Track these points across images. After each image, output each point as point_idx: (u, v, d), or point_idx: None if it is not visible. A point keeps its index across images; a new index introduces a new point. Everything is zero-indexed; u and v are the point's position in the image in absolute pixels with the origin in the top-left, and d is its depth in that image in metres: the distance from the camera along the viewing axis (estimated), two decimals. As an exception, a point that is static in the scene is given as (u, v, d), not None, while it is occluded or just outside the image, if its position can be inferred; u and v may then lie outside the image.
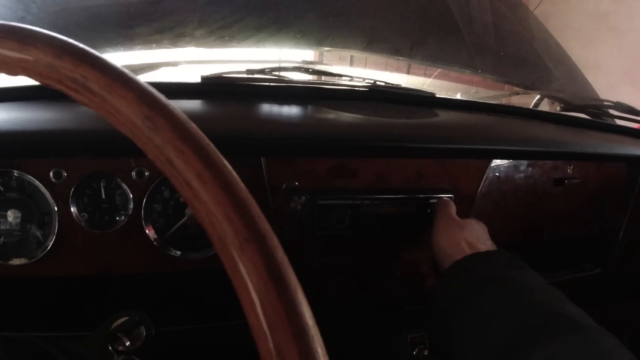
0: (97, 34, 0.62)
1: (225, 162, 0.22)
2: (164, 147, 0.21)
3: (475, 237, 0.67)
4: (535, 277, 0.59)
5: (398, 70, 1.49)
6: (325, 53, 1.29)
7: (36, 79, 0.26)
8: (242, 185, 0.22)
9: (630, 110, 1.13)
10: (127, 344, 0.45)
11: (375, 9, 0.89)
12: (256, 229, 0.21)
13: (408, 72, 1.53)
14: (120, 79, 0.22)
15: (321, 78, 0.85)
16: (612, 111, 1.14)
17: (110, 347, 0.44)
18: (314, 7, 0.78)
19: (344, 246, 0.72)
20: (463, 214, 0.78)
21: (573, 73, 1.18)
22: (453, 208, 0.71)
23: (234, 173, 0.22)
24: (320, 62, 1.24)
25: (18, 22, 0.29)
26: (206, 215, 0.21)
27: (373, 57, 1.13)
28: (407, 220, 0.73)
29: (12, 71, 0.26)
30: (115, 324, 0.45)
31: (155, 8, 0.67)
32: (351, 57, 1.48)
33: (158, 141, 0.22)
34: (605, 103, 1.15)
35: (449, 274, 0.61)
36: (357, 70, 1.17)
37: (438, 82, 1.07)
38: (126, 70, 0.23)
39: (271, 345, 0.18)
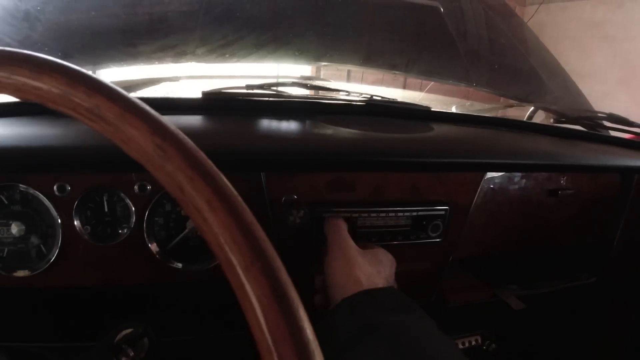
0: (101, 51, 0.64)
1: (232, 188, 0.24)
2: (175, 174, 0.23)
3: (376, 269, 0.61)
4: (425, 324, 0.53)
5: (394, 84, 1.52)
6: (322, 68, 1.31)
7: (49, 106, 0.27)
8: (247, 210, 0.23)
9: (623, 121, 1.15)
10: (131, 354, 0.46)
11: (371, 25, 0.91)
12: (261, 251, 0.22)
13: (404, 87, 1.55)
14: (132, 109, 0.24)
15: (319, 93, 0.87)
16: (605, 122, 1.16)
17: (114, 359, 0.46)
18: (311, 25, 0.81)
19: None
20: (459, 225, 0.79)
21: (567, 85, 1.20)
22: (345, 228, 0.65)
23: (240, 199, 0.24)
24: (318, 77, 1.26)
25: (23, 39, 0.31)
26: (214, 238, 0.22)
27: (370, 72, 1.15)
28: (403, 233, 0.75)
29: (26, 97, 0.28)
30: (119, 335, 0.46)
31: (158, 26, 0.69)
32: (348, 71, 1.51)
33: (169, 168, 0.23)
34: (598, 114, 1.17)
35: (333, 314, 0.54)
36: (354, 85, 1.19)
37: (433, 96, 1.09)
38: (138, 101, 0.25)
39: (276, 358, 0.20)
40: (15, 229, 0.62)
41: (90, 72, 0.25)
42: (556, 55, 1.35)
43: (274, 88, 0.76)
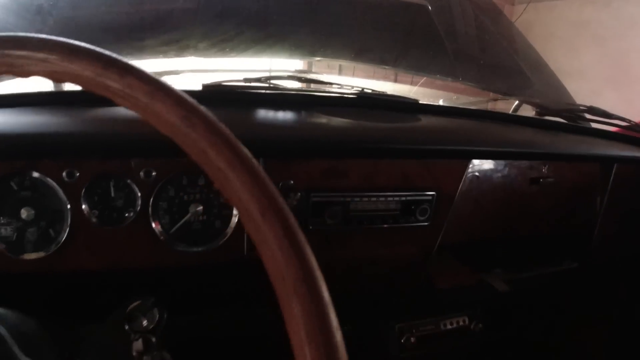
0: (109, 45, 0.68)
1: (247, 152, 0.28)
2: (200, 141, 0.27)
3: None
4: None
5: (385, 78, 1.57)
6: (314, 62, 1.36)
7: (83, 87, 0.31)
8: (261, 168, 0.28)
9: (604, 113, 1.20)
10: (144, 323, 0.50)
11: (362, 22, 0.96)
12: (273, 201, 0.27)
13: (395, 80, 1.60)
14: (160, 88, 0.28)
15: (313, 86, 0.91)
16: (586, 115, 1.21)
17: (127, 327, 0.50)
18: (306, 22, 0.85)
19: (335, 240, 0.77)
20: (445, 210, 0.84)
21: (549, 79, 1.25)
22: None
23: (254, 160, 0.28)
24: (310, 71, 1.30)
25: (34, 32, 0.35)
26: (234, 192, 0.27)
27: (361, 66, 1.20)
28: (393, 217, 0.79)
29: (60, 79, 0.32)
30: (131, 307, 0.50)
31: (163, 22, 0.73)
32: (340, 66, 1.55)
33: (194, 136, 0.27)
34: (579, 107, 1.22)
35: None
36: (346, 78, 1.24)
37: (422, 89, 1.14)
38: (163, 80, 0.29)
39: (289, 284, 0.25)
40: (24, 213, 0.64)
41: (121, 57, 0.30)
42: (544, 54, 1.40)
43: (271, 81, 0.80)
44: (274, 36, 0.82)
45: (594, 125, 1.21)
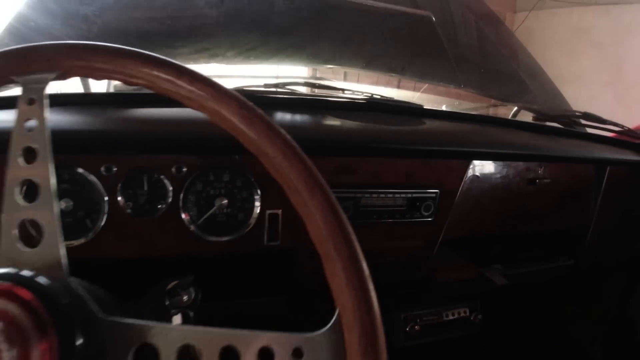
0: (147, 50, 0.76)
1: (297, 145, 0.35)
2: (258, 137, 0.34)
3: None
4: None
5: (388, 84, 1.65)
6: (319, 68, 1.44)
7: (154, 90, 0.39)
8: (307, 158, 0.35)
9: (598, 119, 1.27)
10: (185, 298, 0.57)
11: (373, 33, 1.04)
12: (318, 181, 0.34)
13: (398, 86, 1.68)
14: (225, 92, 0.35)
15: (326, 91, 0.98)
16: (581, 120, 1.28)
17: (168, 303, 0.56)
18: (323, 33, 0.93)
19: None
20: (447, 207, 0.90)
21: (547, 86, 1.32)
22: None
23: (301, 150, 0.35)
24: (321, 77, 1.38)
25: (79, 39, 0.42)
26: (287, 176, 0.34)
27: (365, 72, 1.29)
28: (400, 212, 0.86)
29: (134, 83, 0.39)
30: (172, 284, 0.57)
31: (195, 32, 0.81)
32: (345, 72, 1.64)
33: (252, 134, 0.35)
34: (575, 113, 1.29)
35: None
36: (353, 84, 1.31)
37: (425, 95, 1.21)
38: (227, 87, 0.36)
39: (331, 247, 0.32)
40: (63, 204, 0.70)
41: (190, 67, 0.37)
42: (545, 60, 1.46)
43: (288, 87, 0.88)
44: (294, 46, 0.90)
45: (588, 130, 1.28)
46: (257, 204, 0.77)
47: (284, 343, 0.32)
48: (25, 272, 0.34)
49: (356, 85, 1.40)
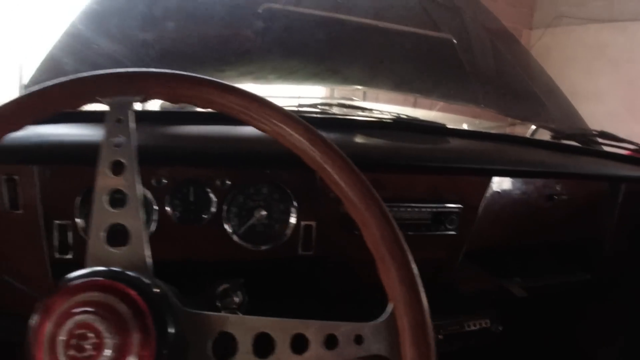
0: (199, 72, 0.86)
1: (352, 163, 0.42)
2: (321, 157, 0.41)
3: None
4: None
5: (404, 102, 1.73)
6: (337, 88, 1.52)
7: (228, 114, 0.45)
8: (362, 174, 0.41)
9: (614, 137, 1.31)
10: (236, 300, 0.63)
11: (401, 58, 1.11)
12: (373, 194, 0.40)
13: (414, 105, 1.76)
14: (290, 117, 0.42)
15: (355, 111, 1.05)
16: (598, 138, 1.32)
17: (219, 304, 0.62)
18: (356, 58, 1.01)
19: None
20: (470, 221, 0.95)
21: (564, 105, 1.37)
22: None
23: (357, 169, 0.42)
24: (332, 97, 1.46)
25: (137, 61, 0.49)
26: (343, 188, 0.40)
27: (384, 92, 1.37)
28: (426, 225, 0.91)
29: (209, 107, 0.46)
30: (224, 286, 0.63)
31: (242, 57, 0.90)
32: (364, 92, 1.72)
33: (316, 155, 0.41)
34: (592, 132, 1.33)
35: None
36: (375, 104, 1.38)
37: (444, 114, 1.28)
38: (291, 111, 0.43)
39: (383, 249, 0.37)
40: None
41: (259, 94, 0.43)
42: (561, 78, 1.51)
43: (321, 107, 0.94)
44: (330, 70, 0.98)
45: (605, 148, 1.32)
46: (293, 215, 0.83)
47: (347, 330, 0.37)
48: (122, 270, 0.41)
49: (376, 104, 1.47)
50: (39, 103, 0.48)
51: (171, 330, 0.39)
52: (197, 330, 0.40)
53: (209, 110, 0.79)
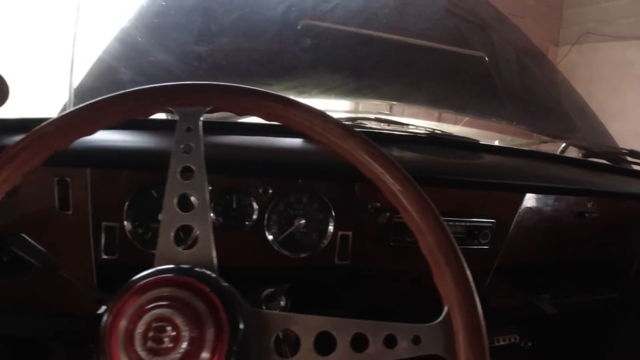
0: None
1: (411, 177, 0.45)
2: (378, 169, 0.44)
3: None
4: None
5: (429, 117, 1.76)
6: (360, 102, 1.56)
7: (290, 127, 0.48)
8: (419, 187, 0.44)
9: (644, 156, 1.31)
10: (281, 304, 0.65)
11: (436, 75, 1.15)
12: (429, 204, 0.43)
13: (439, 120, 1.78)
14: (351, 131, 0.45)
15: (391, 126, 1.08)
16: (627, 157, 1.32)
17: (265, 307, 0.65)
18: (394, 75, 1.05)
19: (410, 256, 0.92)
20: (503, 236, 0.96)
21: (594, 123, 1.38)
22: None
23: (415, 182, 0.44)
24: (356, 110, 1.50)
25: (190, 73, 0.53)
26: (400, 200, 0.43)
27: (409, 107, 1.41)
28: (459, 239, 0.93)
29: (271, 120, 0.49)
30: (270, 290, 0.66)
31: (287, 72, 0.95)
32: (391, 106, 1.76)
33: (375, 167, 0.44)
34: (622, 150, 1.34)
35: None
36: (412, 119, 1.41)
37: (473, 130, 1.30)
38: (352, 127, 0.46)
39: (439, 254, 0.40)
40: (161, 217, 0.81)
41: (321, 109, 0.47)
42: (587, 95, 1.52)
43: (359, 121, 0.98)
44: (370, 86, 1.02)
45: (634, 167, 1.32)
46: (331, 225, 0.86)
47: (406, 331, 0.40)
48: (196, 268, 0.44)
49: (409, 119, 1.50)
50: (114, 110, 0.51)
51: (242, 326, 0.41)
52: (260, 327, 0.43)
53: (249, 120, 0.84)
